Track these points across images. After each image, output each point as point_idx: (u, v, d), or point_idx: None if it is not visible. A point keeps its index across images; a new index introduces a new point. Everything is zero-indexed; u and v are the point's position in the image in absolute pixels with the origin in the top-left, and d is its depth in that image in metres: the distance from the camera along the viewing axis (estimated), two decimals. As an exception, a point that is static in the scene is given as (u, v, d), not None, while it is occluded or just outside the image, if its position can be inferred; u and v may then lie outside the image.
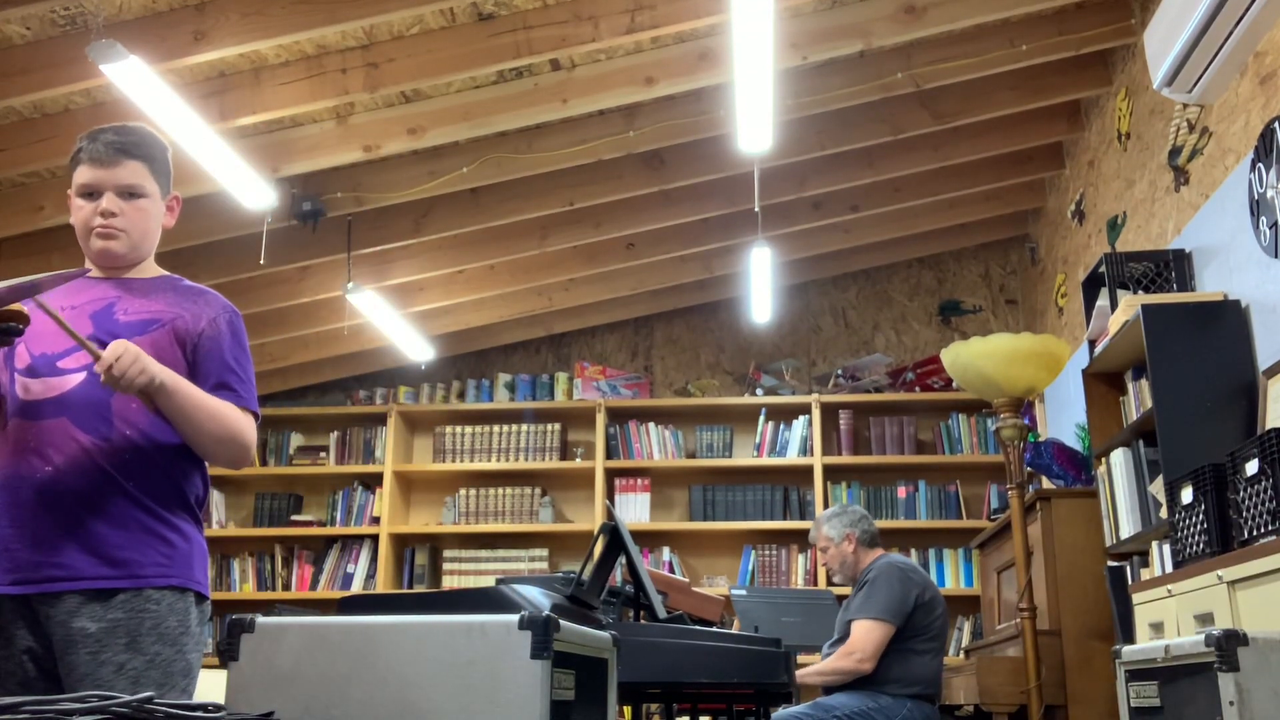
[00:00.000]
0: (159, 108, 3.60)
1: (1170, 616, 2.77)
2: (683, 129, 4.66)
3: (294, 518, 6.34)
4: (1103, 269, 3.87)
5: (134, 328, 2.00)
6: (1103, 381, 3.91)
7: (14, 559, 1.90)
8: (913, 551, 5.92)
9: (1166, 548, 3.22)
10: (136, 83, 3.45)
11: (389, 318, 5.53)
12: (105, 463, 1.92)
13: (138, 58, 3.36)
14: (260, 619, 1.60)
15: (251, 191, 4.20)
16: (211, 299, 2.11)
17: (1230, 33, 2.68)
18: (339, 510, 6.35)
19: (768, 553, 6.05)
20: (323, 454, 6.39)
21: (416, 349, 6.01)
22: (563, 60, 4.22)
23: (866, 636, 3.63)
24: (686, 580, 4.55)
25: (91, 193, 2.04)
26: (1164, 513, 3.17)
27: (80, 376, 1.95)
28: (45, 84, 3.69)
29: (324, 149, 4.36)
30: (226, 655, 1.59)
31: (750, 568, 6.06)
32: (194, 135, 3.80)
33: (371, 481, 6.34)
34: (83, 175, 2.04)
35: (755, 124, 3.99)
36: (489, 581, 5.06)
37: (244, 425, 2.03)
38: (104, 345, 1.87)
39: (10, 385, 1.98)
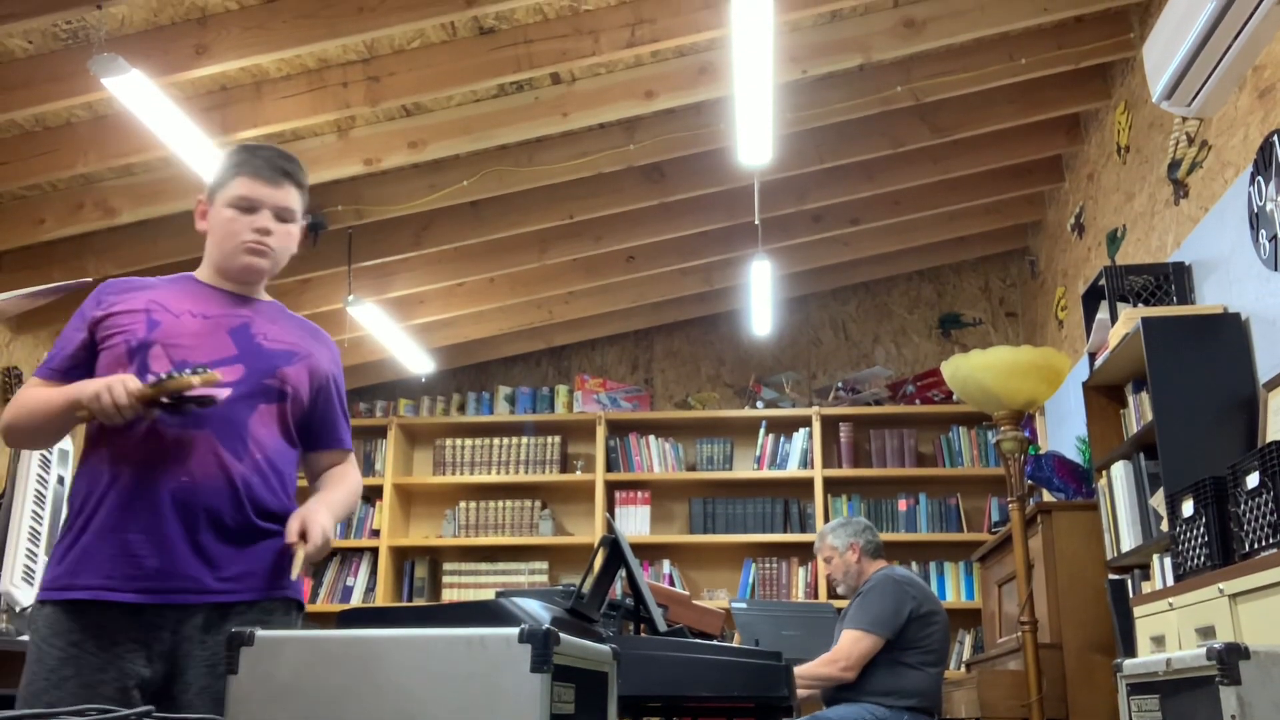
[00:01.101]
0: (160, 121, 3.61)
1: (1171, 630, 2.76)
2: (683, 142, 4.67)
3: (294, 531, 6.32)
4: (1103, 282, 3.87)
5: (280, 357, 2.07)
6: (1103, 394, 3.91)
7: (140, 566, 1.89)
8: (913, 564, 5.91)
9: (1168, 561, 3.22)
10: (138, 96, 3.46)
11: (389, 330, 5.53)
12: (238, 480, 1.96)
13: (139, 71, 3.37)
14: (260, 632, 1.60)
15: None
16: (325, 339, 2.23)
17: (1229, 46, 2.69)
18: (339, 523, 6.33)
19: (768, 566, 6.04)
20: (323, 467, 6.39)
21: (417, 362, 6.01)
22: (563, 74, 4.23)
23: (853, 646, 3.64)
24: (687, 593, 4.54)
25: (248, 207, 2.04)
26: (1165, 526, 3.17)
27: (224, 393, 1.98)
28: (47, 97, 3.70)
29: (325, 162, 4.37)
30: (226, 668, 1.59)
31: (751, 581, 6.05)
32: (195, 149, 3.81)
33: (371, 494, 6.34)
34: (243, 187, 2.04)
35: (755, 137, 4.00)
36: (489, 594, 5.05)
37: (357, 478, 2.24)
38: (245, 363, 1.99)
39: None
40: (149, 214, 4.51)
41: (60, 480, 4.85)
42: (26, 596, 4.50)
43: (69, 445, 4.96)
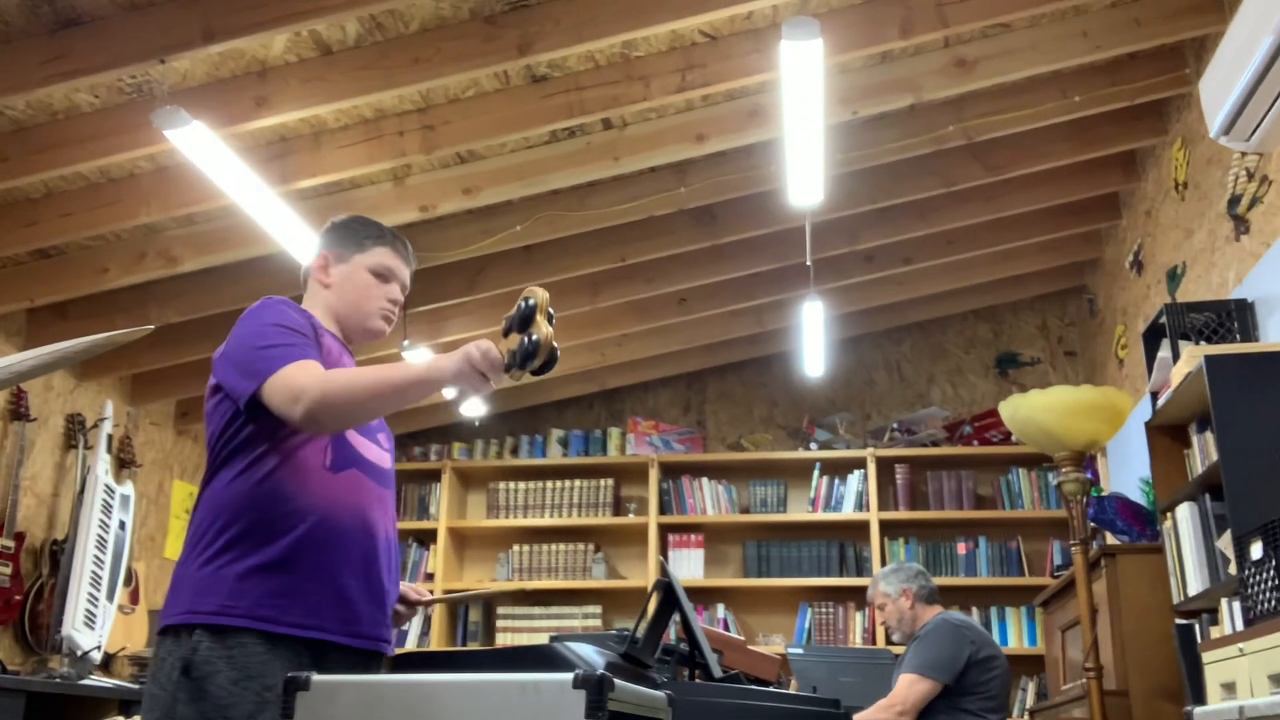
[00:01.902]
0: (221, 171, 3.70)
1: (1243, 676, 2.68)
2: (734, 184, 4.68)
3: (349, 574, 6.36)
4: (1163, 319, 3.80)
5: (380, 424, 2.20)
6: (1166, 434, 3.83)
7: (355, 611, 1.93)
8: (974, 610, 5.81)
9: (1237, 605, 3.13)
10: (200, 148, 3.54)
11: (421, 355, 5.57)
12: (395, 538, 2.09)
13: (201, 123, 3.46)
14: (315, 676, 1.60)
15: (311, 253, 4.27)
16: None
17: (1288, 80, 2.65)
18: (394, 567, 6.36)
19: (825, 610, 5.96)
20: (378, 510, 6.43)
21: (471, 406, 6.04)
22: (614, 119, 4.27)
23: (909, 690, 3.58)
24: (742, 639, 4.50)
25: (387, 277, 2.20)
26: (1233, 568, 3.08)
27: (389, 457, 2.13)
28: (112, 150, 3.80)
29: (382, 209, 4.44)
30: (283, 714, 1.59)
31: (807, 626, 5.97)
32: (256, 198, 3.89)
33: (426, 538, 6.36)
34: (388, 259, 2.20)
35: (806, 179, 4.01)
36: (542, 639, 5.03)
37: None
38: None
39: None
40: (210, 262, 4.60)
41: (121, 525, 4.94)
42: (88, 641, 4.56)
43: (130, 490, 5.05)
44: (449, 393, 1.91)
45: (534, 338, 1.76)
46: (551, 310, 1.82)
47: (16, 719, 3.73)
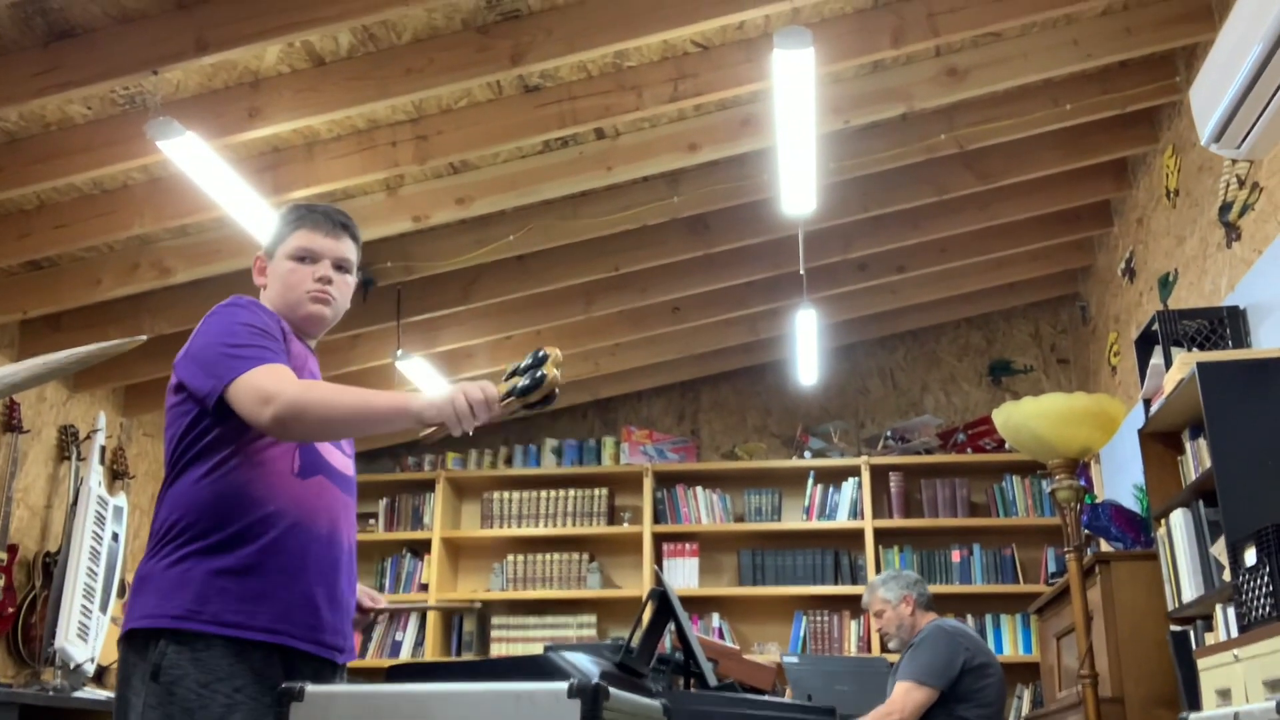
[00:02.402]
0: (214, 182, 3.70)
1: (1238, 682, 2.68)
2: (726, 194, 4.69)
3: (343, 585, 6.34)
4: (1155, 327, 3.82)
5: None
6: (1160, 441, 3.83)
7: (320, 619, 1.91)
8: (969, 617, 5.80)
9: (1231, 611, 3.13)
10: (193, 158, 3.54)
11: (438, 384, 5.57)
12: (352, 550, 2.05)
13: (194, 134, 3.46)
14: (310, 687, 1.60)
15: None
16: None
17: (1278, 87, 2.66)
18: (388, 577, 6.35)
19: (819, 619, 5.96)
20: (371, 521, 6.41)
21: (438, 437, 6.02)
22: (607, 129, 4.28)
23: (905, 697, 3.58)
24: (737, 647, 4.49)
25: (307, 258, 2.09)
26: (1227, 575, 3.09)
27: (351, 464, 2.10)
28: (105, 161, 3.80)
29: (375, 220, 4.44)
30: (276, 724, 1.59)
31: (802, 634, 5.97)
32: (248, 208, 3.89)
33: (420, 548, 6.35)
34: (303, 239, 2.09)
35: (799, 187, 4.02)
36: (537, 649, 5.02)
37: None
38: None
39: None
40: (203, 273, 4.60)
41: (115, 537, 4.92)
42: (81, 653, 4.54)
43: (123, 501, 5.04)
44: (425, 430, 1.87)
45: (541, 373, 1.82)
46: (560, 369, 1.86)
47: (9, 732, 3.71)
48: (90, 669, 4.58)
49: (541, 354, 1.84)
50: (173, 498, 1.91)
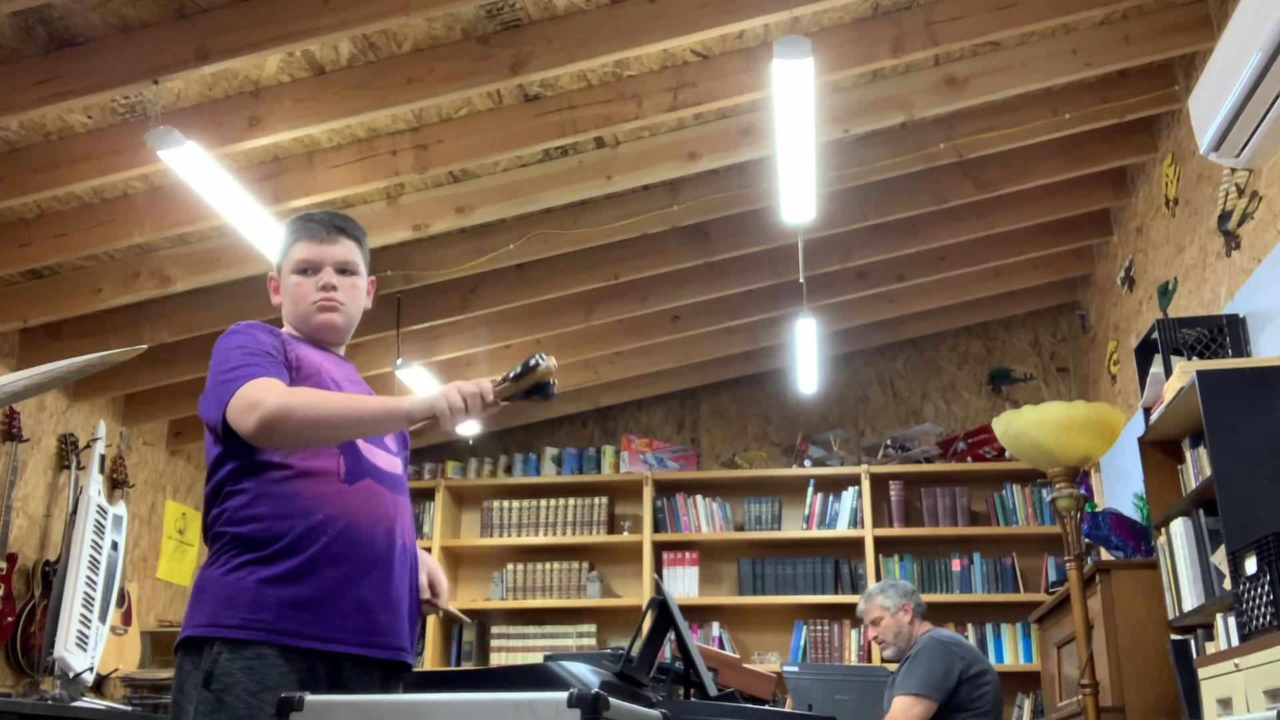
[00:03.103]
0: (215, 191, 3.70)
1: (1239, 692, 2.67)
2: (726, 202, 4.70)
3: (343, 594, 6.33)
4: (1155, 335, 3.82)
5: None
6: (1160, 450, 3.83)
7: (375, 622, 1.91)
8: (969, 626, 5.80)
9: (1232, 620, 3.13)
10: (193, 167, 3.55)
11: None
12: (413, 550, 2.06)
13: (194, 143, 3.46)
14: (309, 697, 1.59)
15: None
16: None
17: (1277, 96, 2.67)
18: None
19: (819, 628, 5.95)
20: (372, 530, 6.40)
21: (464, 424, 6.02)
22: (607, 138, 4.28)
23: (905, 713, 3.57)
24: (737, 656, 4.48)
25: (309, 269, 2.09)
26: (1228, 584, 3.08)
27: (400, 462, 2.09)
28: (105, 170, 3.80)
29: (375, 228, 4.45)
30: (275, 734, 1.58)
31: (802, 643, 5.96)
32: (249, 217, 3.89)
33: (420, 557, 6.33)
34: (301, 251, 2.10)
35: (798, 196, 4.02)
36: (537, 658, 5.01)
37: None
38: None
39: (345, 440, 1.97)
40: (203, 282, 4.60)
41: (114, 546, 4.91)
42: (80, 663, 4.53)
43: (123, 510, 5.03)
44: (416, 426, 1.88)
45: (535, 360, 1.81)
46: (556, 379, 1.87)
47: (7, 742, 3.70)
48: (89, 678, 4.57)
49: (540, 357, 1.84)
50: (220, 509, 1.93)
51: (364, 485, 1.96)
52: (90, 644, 4.63)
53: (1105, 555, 4.41)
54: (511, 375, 1.83)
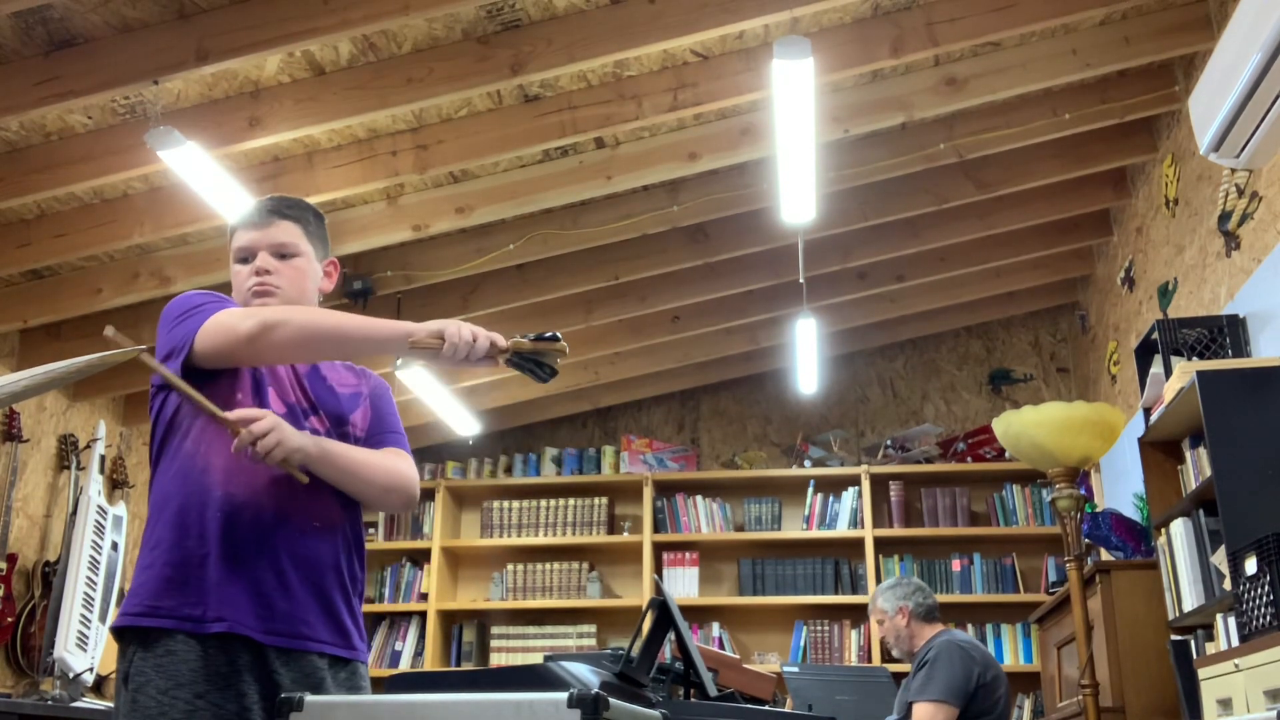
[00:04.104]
0: (214, 191, 3.70)
1: (1239, 692, 2.67)
2: (726, 202, 4.70)
3: (343, 594, 6.33)
4: (1155, 335, 3.82)
5: (352, 401, 2.05)
6: (1160, 450, 3.84)
7: (270, 608, 1.81)
8: (969, 626, 5.80)
9: (1232, 620, 3.13)
10: (193, 168, 3.55)
11: (437, 394, 5.57)
12: (344, 534, 1.94)
13: (195, 144, 3.46)
14: (309, 697, 1.59)
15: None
16: (370, 374, 2.17)
17: (1277, 96, 2.67)
18: (387, 587, 6.34)
19: (820, 628, 5.95)
20: (371, 530, 6.41)
21: (464, 424, 6.04)
22: (607, 138, 4.28)
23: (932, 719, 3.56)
24: (737, 657, 4.48)
25: (247, 256, 2.01)
26: (1228, 584, 3.08)
27: (324, 436, 1.96)
28: (105, 170, 3.80)
29: (374, 229, 4.45)
30: (275, 734, 1.58)
31: (802, 644, 5.96)
32: (248, 217, 3.88)
33: (419, 557, 6.34)
34: (238, 239, 2.03)
35: (798, 196, 4.02)
36: (537, 658, 5.01)
37: (408, 465, 2.04)
38: (321, 413, 1.95)
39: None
40: (203, 282, 4.60)
41: (114, 546, 4.91)
42: (80, 663, 4.54)
43: (123, 510, 5.03)
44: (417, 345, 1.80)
45: (557, 335, 1.84)
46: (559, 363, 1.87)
47: (7, 742, 3.70)
48: (89, 678, 4.57)
49: (557, 334, 1.86)
50: (151, 496, 1.91)
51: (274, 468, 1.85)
52: (90, 644, 4.63)
53: (1105, 555, 4.41)
54: (531, 336, 1.83)
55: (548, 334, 1.83)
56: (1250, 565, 2.74)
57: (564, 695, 1.47)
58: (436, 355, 1.80)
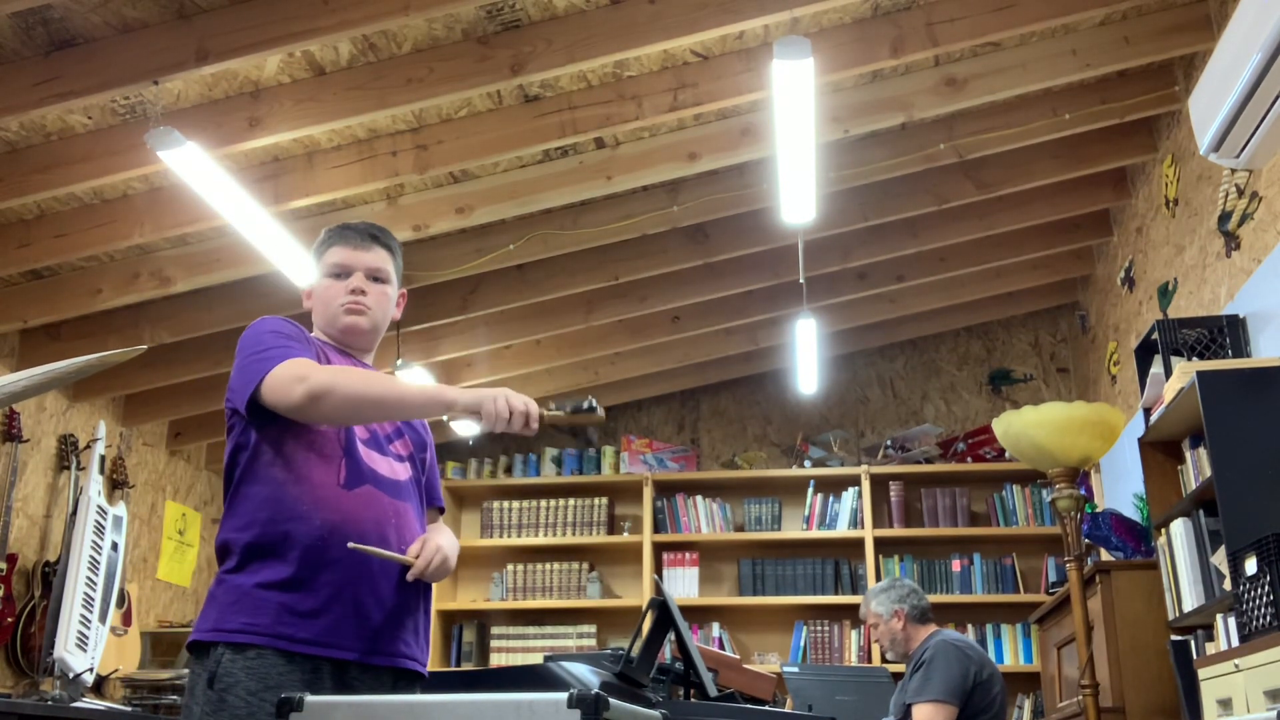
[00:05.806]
0: (215, 192, 3.70)
1: (1239, 692, 2.67)
2: (726, 203, 4.70)
3: (343, 595, 6.33)
4: (1155, 336, 3.82)
5: (422, 429, 2.20)
6: (1160, 450, 3.84)
7: (371, 628, 1.91)
8: (969, 627, 5.80)
9: (1232, 620, 3.13)
10: (193, 168, 3.55)
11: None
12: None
13: (195, 144, 3.46)
14: (309, 698, 1.59)
15: (304, 272, 4.28)
16: None
17: (1277, 96, 2.67)
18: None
19: (819, 628, 5.95)
20: (372, 530, 6.40)
21: (464, 424, 6.03)
22: (607, 138, 4.28)
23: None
24: (737, 657, 4.48)
25: (341, 273, 2.13)
26: (1228, 584, 3.09)
27: (409, 469, 2.09)
28: (105, 170, 3.80)
29: (374, 229, 4.44)
30: (275, 735, 1.58)
31: (802, 644, 5.96)
32: (249, 218, 3.89)
33: (420, 558, 6.33)
34: (335, 255, 2.15)
35: (798, 197, 4.02)
36: (537, 659, 5.01)
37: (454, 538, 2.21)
38: (405, 437, 2.12)
39: (346, 447, 2.00)
40: (203, 283, 4.60)
41: (114, 546, 4.91)
42: (80, 663, 4.53)
43: (122, 511, 5.03)
44: (453, 420, 1.93)
45: (591, 404, 1.91)
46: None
47: (7, 743, 3.70)
48: (89, 679, 4.57)
49: (590, 401, 1.93)
50: (229, 517, 1.97)
51: (364, 491, 1.97)
52: (90, 644, 4.63)
53: (1105, 556, 4.41)
54: (568, 409, 1.91)
55: (584, 404, 1.91)
56: (1250, 565, 2.74)
57: (564, 695, 1.47)
58: (474, 418, 1.91)
